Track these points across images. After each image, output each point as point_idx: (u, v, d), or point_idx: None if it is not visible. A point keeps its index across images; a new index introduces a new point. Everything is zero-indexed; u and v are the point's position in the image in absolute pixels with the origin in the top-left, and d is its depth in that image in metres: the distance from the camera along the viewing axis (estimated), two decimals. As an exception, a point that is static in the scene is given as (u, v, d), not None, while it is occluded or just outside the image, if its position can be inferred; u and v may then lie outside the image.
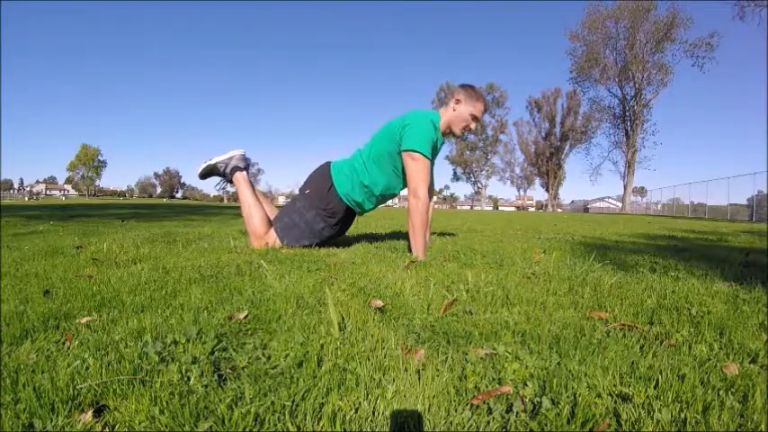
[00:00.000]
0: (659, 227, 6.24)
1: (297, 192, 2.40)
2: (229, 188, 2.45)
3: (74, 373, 0.69)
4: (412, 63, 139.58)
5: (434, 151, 2.14)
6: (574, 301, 1.21)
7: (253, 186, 2.36)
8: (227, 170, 2.33)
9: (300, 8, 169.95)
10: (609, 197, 53.40)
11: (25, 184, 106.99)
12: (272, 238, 2.22)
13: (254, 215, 2.24)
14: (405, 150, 2.00)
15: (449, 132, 2.17)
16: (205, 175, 2.38)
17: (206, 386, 0.66)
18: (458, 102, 2.11)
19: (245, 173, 2.35)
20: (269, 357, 0.77)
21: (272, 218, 2.33)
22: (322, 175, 2.24)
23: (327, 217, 2.20)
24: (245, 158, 2.37)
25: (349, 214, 2.28)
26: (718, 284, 1.47)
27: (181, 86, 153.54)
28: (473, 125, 2.15)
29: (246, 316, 0.99)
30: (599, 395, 0.65)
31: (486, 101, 2.22)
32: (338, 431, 0.57)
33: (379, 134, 2.15)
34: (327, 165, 2.28)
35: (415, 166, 1.99)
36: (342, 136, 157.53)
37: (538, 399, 0.64)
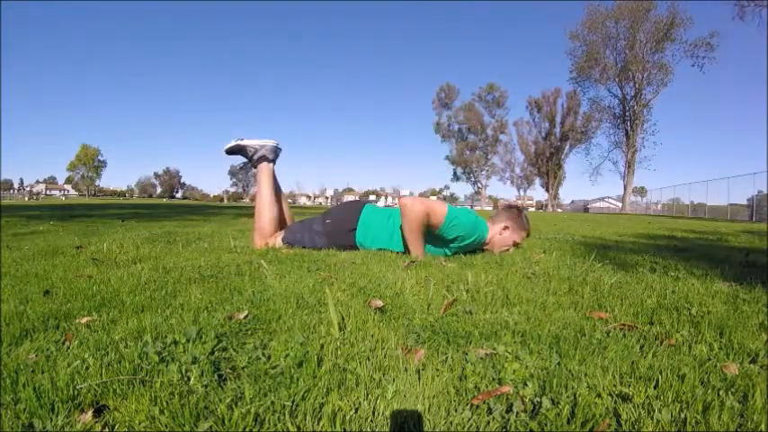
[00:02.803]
0: (659, 227, 6.23)
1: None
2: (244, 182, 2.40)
3: (74, 373, 0.69)
4: (412, 63, 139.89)
5: (451, 229, 1.96)
6: (574, 301, 1.21)
7: (276, 182, 2.31)
8: (255, 156, 2.28)
9: (301, 7, 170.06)
10: (609, 197, 53.39)
11: (25, 184, 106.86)
12: (277, 242, 2.21)
13: (266, 212, 2.21)
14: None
15: (487, 247, 2.17)
16: (232, 151, 2.31)
17: (206, 386, 0.66)
18: (505, 228, 2.15)
19: (271, 165, 2.30)
20: (269, 357, 0.77)
21: (287, 222, 2.30)
22: (351, 215, 2.16)
23: (335, 247, 2.17)
24: (276, 150, 2.31)
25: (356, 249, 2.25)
26: (718, 284, 1.47)
27: (181, 86, 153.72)
28: (512, 250, 2.21)
29: (246, 316, 0.99)
30: (599, 395, 0.65)
31: (530, 230, 2.24)
32: (338, 431, 0.57)
33: None
34: (362, 206, 2.19)
35: (436, 201, 1.97)
36: (342, 136, 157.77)
37: (538, 399, 0.64)
